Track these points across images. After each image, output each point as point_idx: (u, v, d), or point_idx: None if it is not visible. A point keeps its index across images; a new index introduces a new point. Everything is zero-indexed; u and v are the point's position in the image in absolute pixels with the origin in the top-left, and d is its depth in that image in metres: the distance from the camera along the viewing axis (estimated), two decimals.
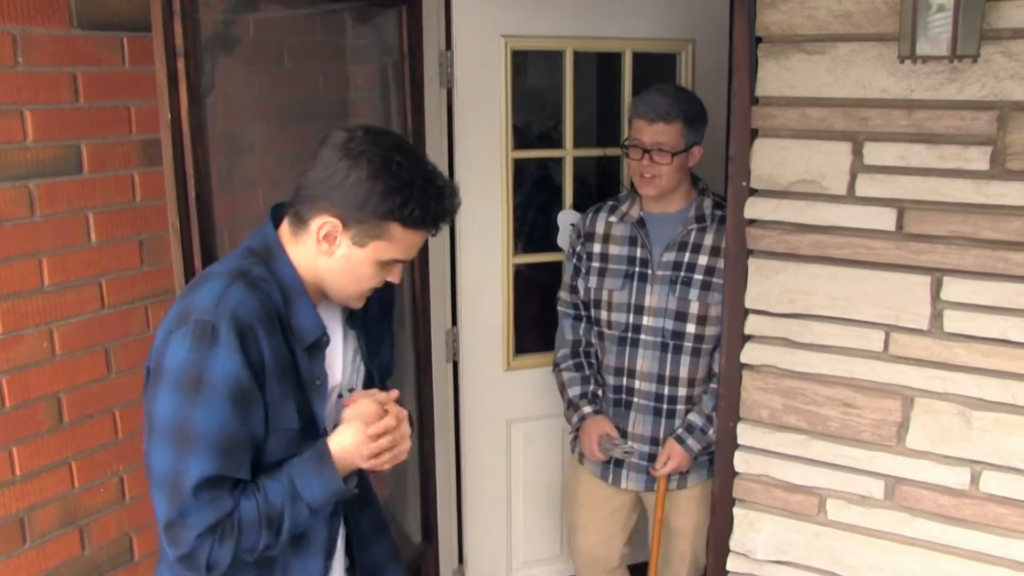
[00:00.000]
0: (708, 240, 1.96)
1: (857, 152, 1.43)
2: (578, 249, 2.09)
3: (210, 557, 1.15)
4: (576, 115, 2.32)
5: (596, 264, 2.05)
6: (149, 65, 1.50)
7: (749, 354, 1.58)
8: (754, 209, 1.53)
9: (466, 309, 2.35)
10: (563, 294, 2.15)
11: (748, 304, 1.57)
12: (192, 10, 1.46)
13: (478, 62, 2.20)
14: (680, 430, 1.99)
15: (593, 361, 2.10)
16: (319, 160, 1.18)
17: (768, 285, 1.54)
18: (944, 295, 1.41)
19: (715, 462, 1.70)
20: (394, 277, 1.26)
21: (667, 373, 1.99)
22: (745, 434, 1.61)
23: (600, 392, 2.08)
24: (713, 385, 1.99)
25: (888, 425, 1.48)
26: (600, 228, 2.06)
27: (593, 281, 2.04)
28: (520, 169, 2.40)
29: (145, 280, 1.88)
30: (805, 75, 1.44)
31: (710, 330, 1.96)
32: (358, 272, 1.22)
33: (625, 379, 2.03)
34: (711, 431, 1.96)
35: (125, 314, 1.85)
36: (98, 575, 1.84)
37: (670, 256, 1.97)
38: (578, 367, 2.09)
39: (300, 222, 1.20)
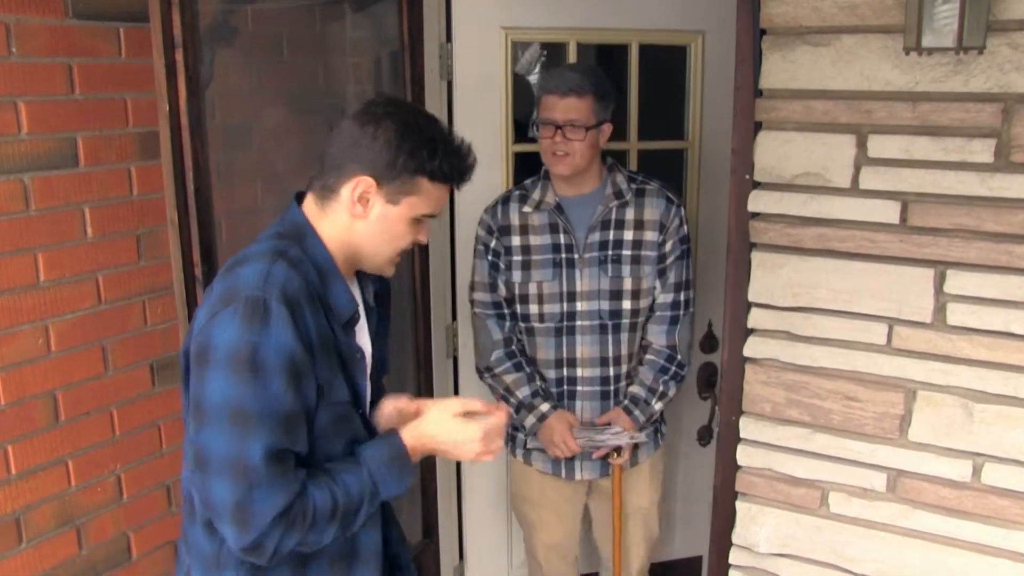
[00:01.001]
0: (630, 215, 1.96)
1: (861, 145, 1.43)
2: (493, 245, 2.01)
3: (279, 544, 1.14)
4: None
5: (518, 258, 1.99)
6: (146, 57, 1.49)
7: (752, 348, 1.58)
8: (757, 202, 1.53)
9: (466, 305, 2.34)
10: (479, 295, 2.05)
11: (751, 298, 1.57)
12: (191, 0, 1.44)
13: (478, 55, 2.19)
14: (626, 401, 1.99)
15: (528, 358, 2.05)
16: (339, 132, 1.23)
17: (771, 279, 1.54)
18: (947, 288, 1.41)
19: (717, 455, 1.70)
20: (423, 236, 1.30)
21: (609, 354, 1.99)
22: (747, 428, 1.61)
23: (545, 387, 2.04)
24: (649, 356, 2.00)
25: (890, 418, 1.48)
26: (515, 220, 2.00)
27: (517, 275, 1.99)
28: (520, 162, 2.39)
29: (142, 275, 1.86)
30: (809, 67, 1.44)
31: (643, 303, 1.98)
32: (394, 231, 1.25)
33: (566, 369, 2.01)
34: (654, 401, 1.99)
35: (122, 310, 1.82)
36: (95, 575, 1.82)
37: (595, 237, 1.96)
38: (518, 367, 2.02)
39: (329, 192, 1.23)
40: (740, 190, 1.55)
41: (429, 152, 1.21)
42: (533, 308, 1.99)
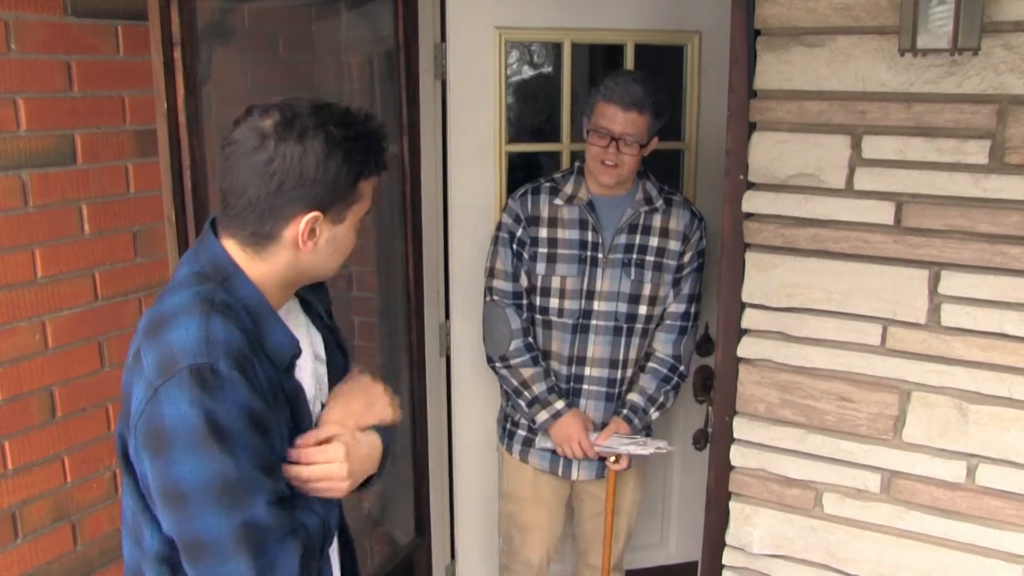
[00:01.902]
0: (657, 222, 1.98)
1: (856, 145, 1.44)
2: (519, 234, 1.98)
3: None
4: (574, 108, 2.31)
5: (543, 250, 1.97)
6: (144, 54, 1.49)
7: (746, 348, 1.58)
8: (751, 203, 1.53)
9: (459, 303, 2.35)
10: (499, 283, 2.00)
11: (745, 298, 1.57)
12: None
13: (472, 54, 2.19)
14: (625, 411, 2.00)
15: (542, 351, 2.04)
16: (250, 167, 1.06)
17: (765, 279, 1.54)
18: (942, 289, 1.41)
19: (711, 455, 1.70)
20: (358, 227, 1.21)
21: (619, 357, 2.00)
22: (741, 428, 1.61)
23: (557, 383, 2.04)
24: (652, 364, 2.01)
25: (885, 419, 1.48)
26: (545, 211, 1.97)
27: (541, 268, 1.97)
28: (513, 162, 2.38)
29: (139, 272, 1.86)
30: (804, 68, 1.44)
31: (658, 310, 2.00)
32: (345, 245, 1.16)
33: (575, 367, 2.00)
34: (652, 410, 2.01)
35: (118, 306, 1.83)
36: (90, 571, 1.83)
37: (621, 239, 1.96)
38: (535, 360, 2.00)
39: (263, 239, 1.10)
40: (734, 191, 1.55)
41: (361, 154, 1.09)
42: (553, 302, 1.98)
